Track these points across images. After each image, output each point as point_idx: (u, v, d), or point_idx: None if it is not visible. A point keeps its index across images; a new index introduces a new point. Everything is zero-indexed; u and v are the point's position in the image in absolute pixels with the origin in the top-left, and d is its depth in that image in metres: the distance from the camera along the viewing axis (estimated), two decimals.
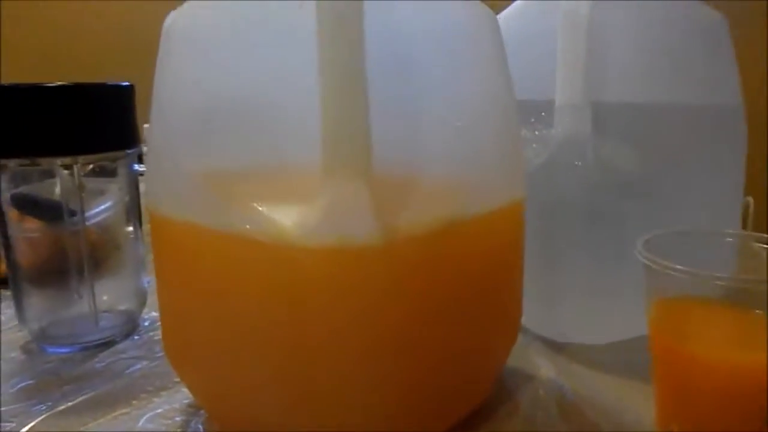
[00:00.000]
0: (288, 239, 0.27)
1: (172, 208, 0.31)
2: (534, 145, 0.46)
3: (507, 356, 0.38)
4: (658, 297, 0.34)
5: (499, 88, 0.35)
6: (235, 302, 0.29)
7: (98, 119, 0.43)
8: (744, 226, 0.66)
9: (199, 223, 0.30)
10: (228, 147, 0.30)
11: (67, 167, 0.43)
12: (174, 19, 0.30)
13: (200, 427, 0.35)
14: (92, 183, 0.57)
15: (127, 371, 0.42)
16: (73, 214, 0.52)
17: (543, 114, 0.45)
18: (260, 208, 0.28)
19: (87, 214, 0.52)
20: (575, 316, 0.44)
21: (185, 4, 0.30)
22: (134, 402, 0.38)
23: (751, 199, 0.68)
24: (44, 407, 0.37)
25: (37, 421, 0.36)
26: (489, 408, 0.36)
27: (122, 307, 0.49)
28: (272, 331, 0.28)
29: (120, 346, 0.46)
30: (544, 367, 0.41)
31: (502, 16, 0.49)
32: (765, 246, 0.34)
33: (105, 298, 0.49)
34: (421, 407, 0.31)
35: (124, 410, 0.37)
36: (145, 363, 0.43)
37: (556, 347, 0.44)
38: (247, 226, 0.28)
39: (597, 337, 0.44)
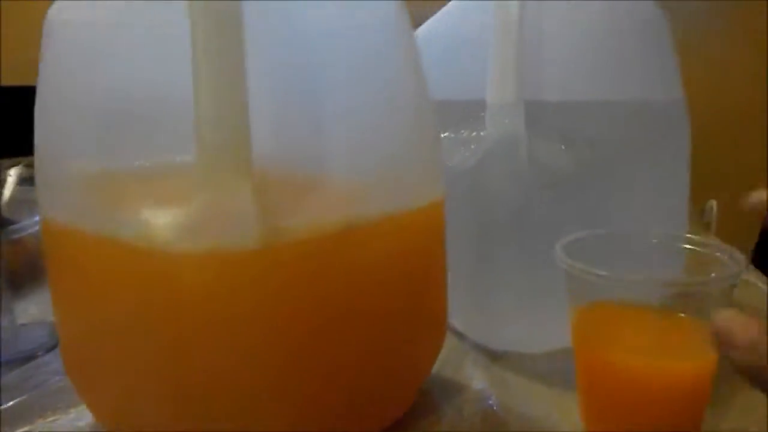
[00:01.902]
0: (162, 243, 0.25)
1: (56, 211, 0.30)
2: (472, 146, 0.44)
3: (431, 366, 0.36)
4: (579, 302, 0.32)
5: (411, 89, 0.33)
6: (118, 310, 0.28)
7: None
8: (708, 230, 0.64)
9: (81, 227, 0.28)
10: (113, 148, 0.29)
11: None
12: (54, 14, 0.29)
13: None
14: (32, 193, 0.55)
15: (42, 386, 0.40)
16: (6, 224, 0.51)
17: (483, 115, 0.43)
18: (137, 212, 0.26)
19: (22, 224, 0.51)
20: (512, 323, 0.42)
21: None
22: (39, 420, 0.36)
23: (714, 203, 0.66)
24: None
25: None
26: (410, 420, 0.34)
27: (50, 319, 0.47)
28: (153, 342, 0.27)
29: (42, 360, 0.44)
30: (476, 378, 0.39)
31: (440, 15, 0.48)
32: (691, 246, 0.32)
33: (32, 308, 0.47)
34: (325, 421, 0.30)
35: (25, 428, 0.35)
36: (62, 377, 0.41)
37: (493, 356, 0.42)
38: (123, 230, 0.26)
39: (535, 345, 0.42)
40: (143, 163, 0.29)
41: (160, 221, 0.25)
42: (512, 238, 0.42)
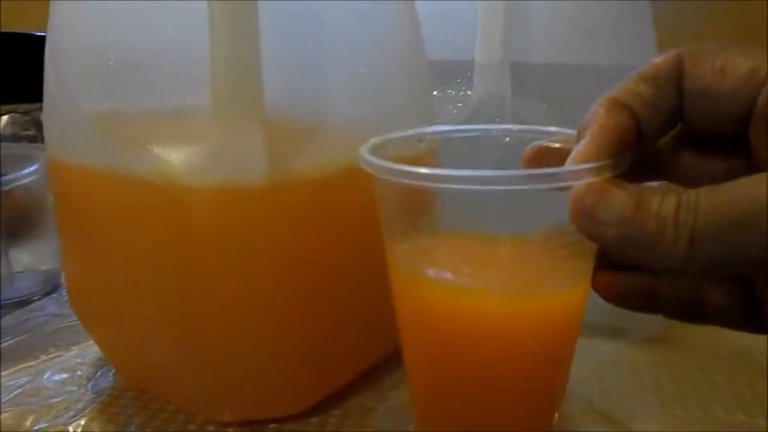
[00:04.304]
0: (175, 178, 0.26)
1: (67, 151, 0.31)
2: (459, 105, 0.46)
3: None
4: (394, 232, 0.25)
5: (408, 45, 0.34)
6: (128, 246, 0.29)
7: (13, 69, 0.42)
8: None
9: (92, 166, 0.29)
10: (124, 88, 0.30)
11: None
12: None
13: (106, 380, 0.35)
14: (20, 149, 0.56)
15: (40, 328, 0.41)
16: None
17: (470, 75, 0.45)
18: (150, 148, 0.27)
19: (13, 176, 0.51)
20: None
21: None
22: (42, 356, 0.37)
23: None
24: None
25: None
26: (395, 360, 0.36)
27: (43, 268, 0.49)
28: (162, 274, 0.28)
29: (37, 305, 0.45)
30: None
31: None
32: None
33: (25, 257, 0.48)
34: (318, 357, 0.31)
35: (29, 363, 0.36)
36: (59, 320, 0.42)
37: None
38: (136, 166, 0.27)
39: None
40: (155, 105, 0.30)
41: (173, 156, 0.27)
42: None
